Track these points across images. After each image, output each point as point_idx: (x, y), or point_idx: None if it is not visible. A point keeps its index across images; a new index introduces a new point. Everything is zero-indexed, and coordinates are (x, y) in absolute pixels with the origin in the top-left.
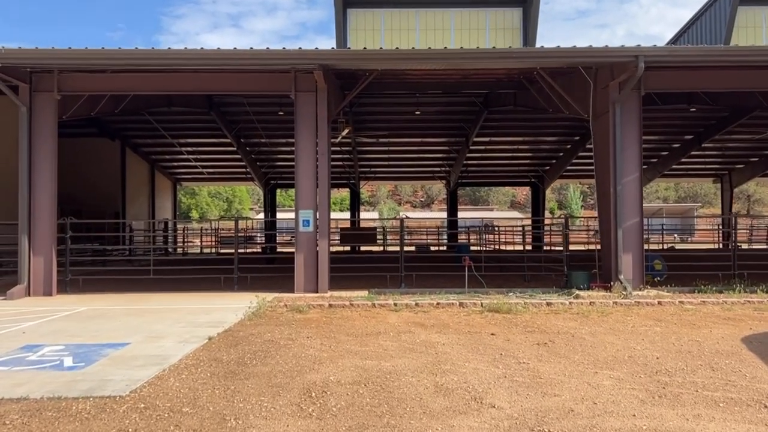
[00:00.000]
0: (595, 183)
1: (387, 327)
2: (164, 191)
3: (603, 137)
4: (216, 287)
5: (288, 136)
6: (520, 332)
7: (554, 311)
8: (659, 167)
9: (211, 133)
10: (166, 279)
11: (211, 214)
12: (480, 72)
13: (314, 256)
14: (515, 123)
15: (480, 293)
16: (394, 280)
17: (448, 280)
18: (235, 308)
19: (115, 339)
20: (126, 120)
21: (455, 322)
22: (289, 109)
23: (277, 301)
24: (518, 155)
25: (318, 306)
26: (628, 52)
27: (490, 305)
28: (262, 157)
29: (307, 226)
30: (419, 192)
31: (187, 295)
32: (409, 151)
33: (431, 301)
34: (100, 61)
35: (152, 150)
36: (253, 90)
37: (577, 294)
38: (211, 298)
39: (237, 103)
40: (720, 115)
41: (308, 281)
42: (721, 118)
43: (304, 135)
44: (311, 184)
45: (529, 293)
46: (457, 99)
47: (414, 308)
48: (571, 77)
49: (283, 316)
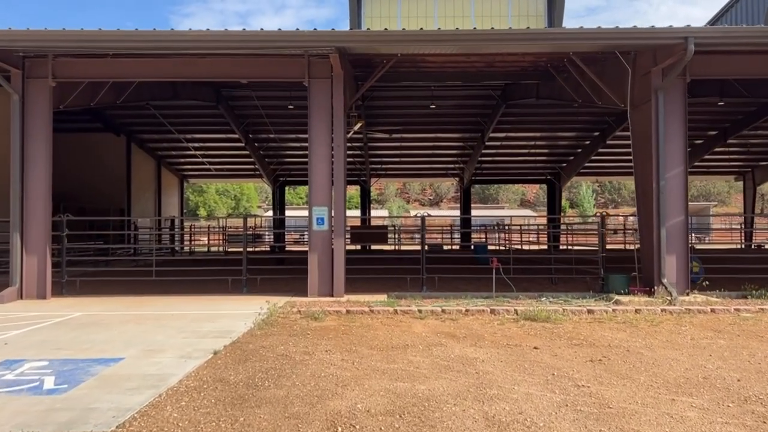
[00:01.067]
0: (635, 178)
1: (414, 338)
2: (171, 188)
3: (643, 128)
4: (223, 289)
5: (298, 131)
6: (566, 345)
7: (597, 320)
8: None
9: (219, 128)
10: (170, 280)
11: (218, 211)
12: (506, 58)
13: (329, 257)
14: (533, 118)
15: (509, 298)
16: (413, 283)
17: (469, 282)
18: (243, 314)
19: (108, 353)
20: (131, 114)
21: (490, 333)
22: (300, 102)
23: (290, 306)
24: (534, 152)
25: (335, 312)
26: (676, 33)
27: (526, 313)
28: (270, 153)
29: (321, 225)
30: (428, 190)
31: (192, 298)
32: (422, 147)
33: (459, 308)
34: (98, 44)
35: (158, 146)
36: (262, 77)
37: (617, 299)
38: (217, 302)
39: (245, 97)
40: (748, 109)
41: (323, 284)
42: (749, 113)
43: (318, 125)
44: (326, 179)
45: (564, 298)
46: (474, 92)
47: (440, 315)
48: (603, 64)
49: (297, 324)
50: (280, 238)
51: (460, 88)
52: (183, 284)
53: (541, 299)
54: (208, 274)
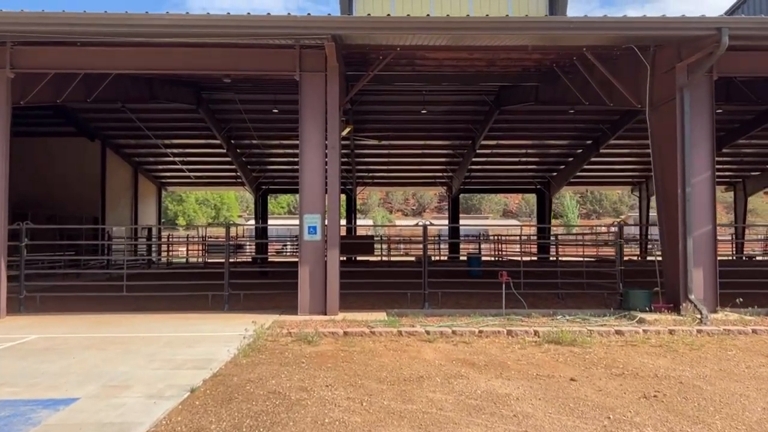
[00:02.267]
0: (654, 184)
1: (427, 367)
2: (148, 196)
3: (664, 130)
4: (203, 306)
5: (282, 137)
6: (606, 376)
7: (629, 342)
8: None
9: (199, 133)
10: (144, 296)
11: (198, 221)
12: (510, 55)
13: (322, 270)
14: (525, 125)
15: (520, 316)
16: (413, 298)
17: (471, 297)
18: (226, 337)
19: (60, 390)
20: (106, 118)
21: (513, 360)
22: (285, 106)
23: (278, 326)
24: (525, 160)
25: (330, 334)
26: (708, 24)
27: (548, 335)
28: (253, 160)
29: (313, 234)
30: (410, 200)
31: (167, 317)
32: (411, 155)
33: (471, 328)
34: (62, 28)
35: (135, 151)
36: (248, 70)
37: (640, 318)
38: (196, 321)
39: (227, 100)
40: (744, 118)
41: (315, 300)
42: (746, 122)
43: (310, 124)
44: (319, 184)
45: (581, 316)
46: (467, 97)
47: (451, 338)
48: (616, 62)
49: (289, 350)
50: (263, 248)
51: (452, 92)
52: (158, 300)
53: (556, 317)
54: (186, 288)
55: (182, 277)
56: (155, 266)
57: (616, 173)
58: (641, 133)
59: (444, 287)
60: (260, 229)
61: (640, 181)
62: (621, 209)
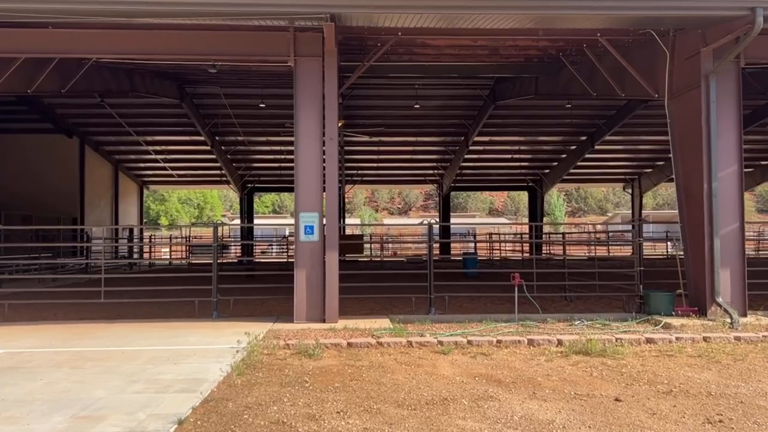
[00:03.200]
0: (675, 179)
1: (448, 386)
2: (129, 195)
3: (686, 121)
4: (189, 313)
5: (269, 133)
6: (653, 394)
7: (664, 352)
8: (666, 170)
9: (183, 129)
10: (125, 303)
11: (181, 221)
12: (517, 42)
13: (320, 274)
14: (519, 120)
15: (535, 321)
16: (415, 302)
17: (475, 300)
18: (217, 351)
19: (20, 425)
20: (85, 113)
21: (542, 375)
22: (272, 101)
23: (274, 336)
24: (518, 157)
25: (333, 346)
26: (739, 3)
27: (574, 344)
28: (238, 157)
29: (310, 234)
30: (396, 198)
31: (150, 326)
32: (401, 151)
33: (487, 338)
34: (28, 5)
35: (115, 149)
36: (237, 55)
37: (665, 323)
38: (182, 331)
39: (212, 94)
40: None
41: (312, 307)
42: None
43: (306, 114)
44: (316, 180)
45: (601, 321)
46: (461, 92)
47: (467, 348)
48: (629, 49)
49: (289, 366)
50: (250, 248)
51: (446, 86)
52: (140, 306)
53: (574, 323)
54: (171, 294)
55: (166, 281)
56: (137, 268)
57: (608, 170)
58: (635, 129)
59: (445, 290)
60: (246, 228)
61: (633, 178)
62: (606, 207)
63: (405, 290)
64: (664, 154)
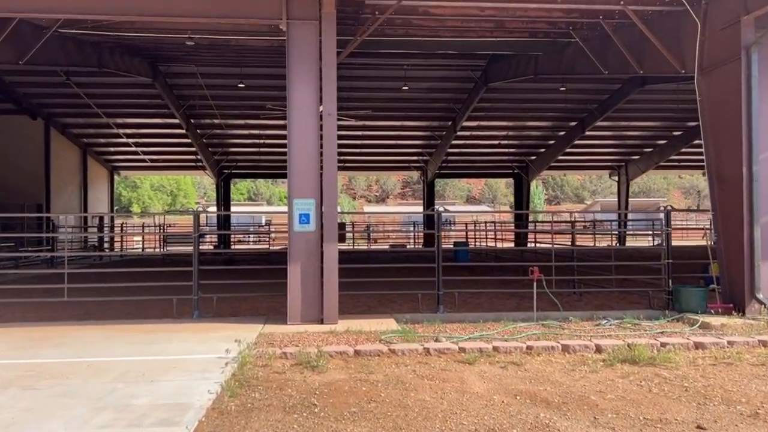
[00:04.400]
0: (706, 163)
1: (488, 409)
2: (99, 181)
3: (721, 98)
4: (167, 313)
5: (248, 116)
6: (738, 418)
7: (721, 360)
8: (655, 157)
9: (155, 111)
10: (93, 301)
11: (154, 208)
12: (528, 13)
13: (317, 269)
14: (510, 104)
15: (556, 320)
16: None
17: (479, 297)
18: (201, 363)
19: None
20: (49, 93)
21: (595, 392)
22: (252, 81)
23: (268, 342)
24: (505, 143)
25: (339, 355)
26: None
27: (616, 351)
28: (215, 141)
29: (305, 224)
30: (374, 186)
31: (122, 330)
32: (386, 136)
33: (515, 343)
34: None
35: (84, 132)
36: (219, 17)
37: (702, 322)
38: (160, 335)
39: (188, 74)
40: None
41: (308, 305)
42: None
43: (301, 87)
44: (312, 161)
45: (629, 320)
46: (452, 73)
47: (494, 357)
48: (649, 21)
49: (291, 382)
50: (227, 238)
51: (437, 67)
52: (111, 305)
53: (601, 322)
54: (146, 291)
55: (140, 277)
56: (107, 259)
57: (595, 157)
58: (624, 114)
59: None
60: (223, 217)
61: (620, 165)
62: (583, 195)
63: (404, 285)
64: (653, 141)
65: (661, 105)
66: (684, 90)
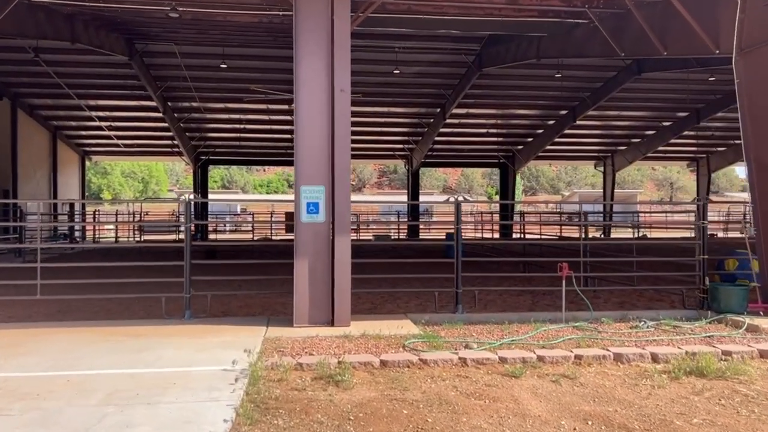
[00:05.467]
0: (744, 148)
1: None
2: (69, 166)
3: (762, 80)
4: (153, 312)
5: (228, 99)
6: None
7: None
8: (642, 148)
9: (131, 93)
10: (68, 298)
11: (125, 195)
12: None
13: (327, 264)
14: (502, 91)
15: (586, 321)
16: (428, 297)
17: (491, 293)
18: (205, 376)
19: None
20: (17, 72)
21: (677, 414)
22: (235, 62)
23: (276, 349)
24: (493, 131)
25: (363, 366)
26: None
27: (678, 361)
28: (192, 126)
29: (314, 214)
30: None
31: (105, 333)
32: (371, 123)
33: (559, 352)
34: None
35: (54, 114)
36: None
37: (748, 325)
38: (150, 340)
39: (166, 53)
40: (725, 88)
41: (317, 306)
42: (729, 93)
43: (311, 58)
44: (322, 143)
45: (667, 321)
46: (444, 57)
47: (541, 367)
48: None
49: (315, 403)
50: (205, 228)
51: (429, 50)
52: (89, 302)
53: (638, 324)
54: (126, 287)
55: (119, 271)
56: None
57: (581, 147)
58: (612, 104)
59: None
60: (200, 205)
61: (606, 156)
62: (559, 186)
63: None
64: (641, 131)
65: (653, 94)
66: (680, 79)
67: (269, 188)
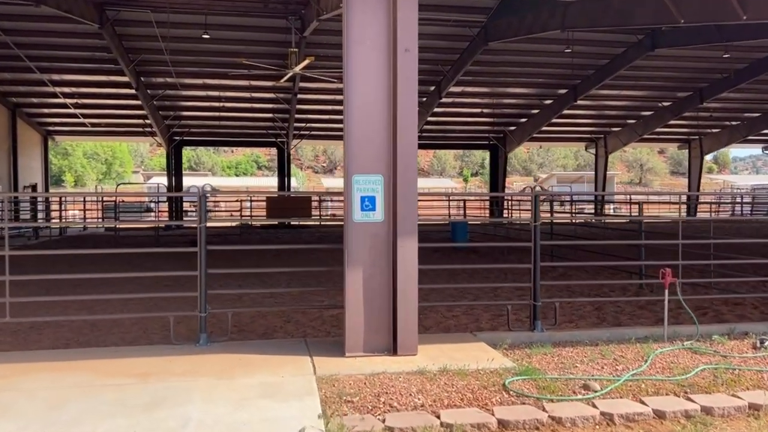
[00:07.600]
0: None
1: None
2: (31, 147)
3: None
4: (148, 330)
5: (207, 74)
6: None
7: None
8: (639, 129)
9: (100, 66)
10: (31, 302)
11: (88, 178)
12: None
13: (388, 276)
14: (502, 68)
15: (693, 338)
16: (494, 309)
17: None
18: None
19: None
20: None
21: None
22: (218, 32)
23: (345, 402)
24: (487, 111)
25: (476, 429)
26: None
27: None
28: (166, 104)
29: (370, 210)
30: (321, 157)
31: (93, 371)
32: None
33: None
34: None
35: (13, 90)
36: None
37: None
38: (164, 386)
39: (141, 21)
40: (735, 66)
41: (374, 329)
42: (737, 71)
43: (365, 8)
44: (381, 120)
45: None
46: (446, 30)
47: (709, 423)
48: None
49: None
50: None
51: (434, 22)
52: (66, 311)
53: (763, 344)
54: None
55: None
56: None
57: (574, 128)
58: (617, 82)
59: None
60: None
61: (598, 137)
62: (530, 167)
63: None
64: (636, 111)
65: (659, 72)
66: (690, 57)
67: (238, 170)
